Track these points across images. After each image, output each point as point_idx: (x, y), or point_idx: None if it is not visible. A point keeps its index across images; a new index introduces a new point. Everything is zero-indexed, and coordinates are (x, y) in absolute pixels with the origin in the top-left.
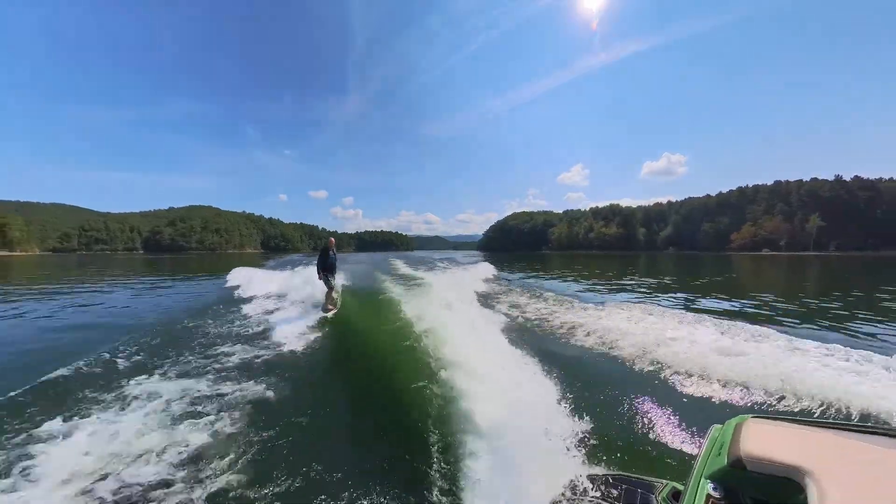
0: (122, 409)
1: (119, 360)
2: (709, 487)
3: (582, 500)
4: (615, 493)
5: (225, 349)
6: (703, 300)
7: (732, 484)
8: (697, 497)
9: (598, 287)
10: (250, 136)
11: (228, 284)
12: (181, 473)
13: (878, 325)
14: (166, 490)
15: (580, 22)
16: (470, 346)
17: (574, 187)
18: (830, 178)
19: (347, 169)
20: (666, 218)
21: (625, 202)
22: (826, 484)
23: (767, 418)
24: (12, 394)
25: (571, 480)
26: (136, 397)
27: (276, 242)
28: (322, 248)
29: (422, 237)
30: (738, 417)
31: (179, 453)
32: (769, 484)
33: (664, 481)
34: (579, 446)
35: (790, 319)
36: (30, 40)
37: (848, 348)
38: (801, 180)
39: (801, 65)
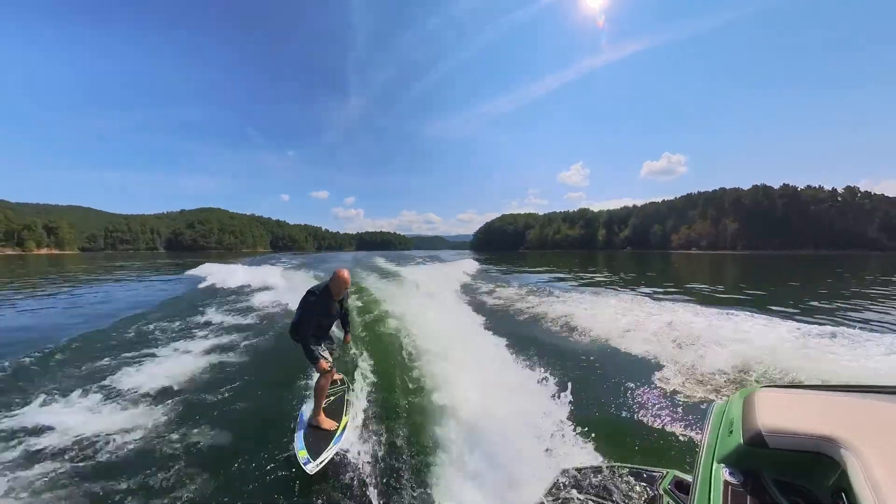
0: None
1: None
2: (724, 473)
3: (574, 494)
4: (610, 485)
5: (184, 341)
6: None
7: (751, 465)
8: (713, 486)
9: (558, 276)
10: (253, 137)
11: (198, 277)
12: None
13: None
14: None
15: (584, 20)
16: (448, 336)
17: (575, 187)
18: (817, 184)
19: (349, 169)
20: (627, 220)
21: (625, 202)
22: (867, 454)
23: (779, 386)
24: None
25: (562, 473)
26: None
27: (283, 243)
28: (317, 288)
29: (422, 237)
30: (745, 389)
31: (129, 448)
32: (794, 461)
33: (663, 470)
34: (567, 437)
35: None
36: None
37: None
38: (737, 188)
39: (801, 63)
